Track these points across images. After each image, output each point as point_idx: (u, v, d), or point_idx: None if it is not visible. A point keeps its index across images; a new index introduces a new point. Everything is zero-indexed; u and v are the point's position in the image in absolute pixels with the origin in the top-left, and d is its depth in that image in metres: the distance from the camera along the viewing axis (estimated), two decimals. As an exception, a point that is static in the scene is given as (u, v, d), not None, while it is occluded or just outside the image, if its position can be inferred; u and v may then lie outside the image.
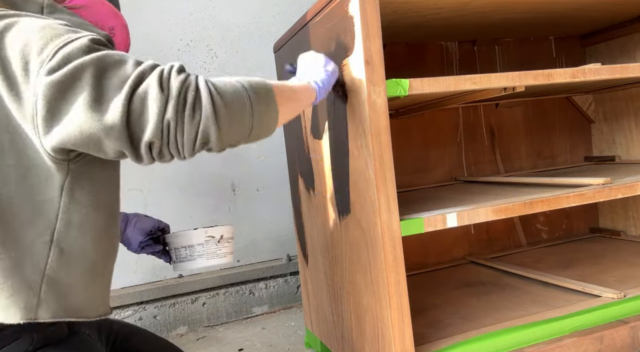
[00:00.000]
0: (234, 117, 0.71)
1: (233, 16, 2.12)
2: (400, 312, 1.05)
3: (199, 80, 0.71)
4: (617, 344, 1.22)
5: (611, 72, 1.27)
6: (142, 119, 0.66)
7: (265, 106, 0.76)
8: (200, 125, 0.68)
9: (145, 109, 0.66)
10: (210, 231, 1.05)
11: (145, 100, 0.66)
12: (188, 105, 0.67)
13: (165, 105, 0.66)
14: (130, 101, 0.66)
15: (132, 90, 0.66)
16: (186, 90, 0.68)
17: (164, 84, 0.67)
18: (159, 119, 0.66)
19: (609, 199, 1.28)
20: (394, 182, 1.05)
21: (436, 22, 1.53)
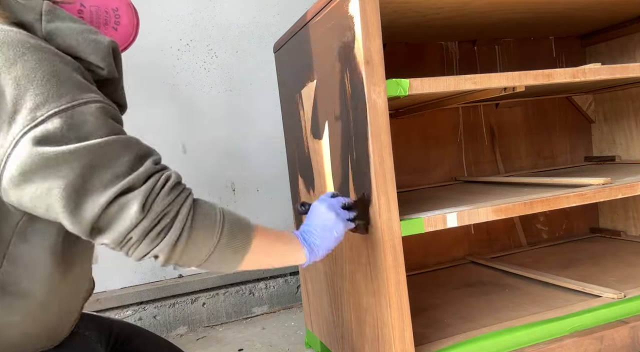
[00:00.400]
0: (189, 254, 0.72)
1: (233, 16, 2.12)
2: (400, 312, 1.05)
3: (184, 207, 0.70)
4: (617, 344, 1.22)
5: (611, 72, 1.27)
6: (110, 225, 0.65)
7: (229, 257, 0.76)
8: (154, 249, 0.69)
9: (117, 219, 0.65)
10: None
11: (122, 212, 0.65)
12: (154, 231, 0.67)
13: (136, 225, 0.66)
14: (109, 206, 0.64)
15: (116, 195, 0.64)
16: (163, 216, 0.68)
17: (147, 204, 0.66)
18: (125, 233, 0.66)
19: (609, 199, 1.28)
20: (394, 182, 1.05)
21: (436, 22, 1.53)
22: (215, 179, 2.10)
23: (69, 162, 0.62)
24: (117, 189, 0.64)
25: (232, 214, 0.78)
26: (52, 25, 0.69)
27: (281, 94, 1.63)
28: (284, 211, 2.17)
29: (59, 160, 0.61)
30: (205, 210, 0.73)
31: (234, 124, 2.12)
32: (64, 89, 0.63)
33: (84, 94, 0.65)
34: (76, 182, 0.62)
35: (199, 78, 2.07)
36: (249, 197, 2.15)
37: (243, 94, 2.14)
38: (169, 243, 0.69)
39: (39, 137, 0.61)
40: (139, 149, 0.69)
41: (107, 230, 0.66)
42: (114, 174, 0.65)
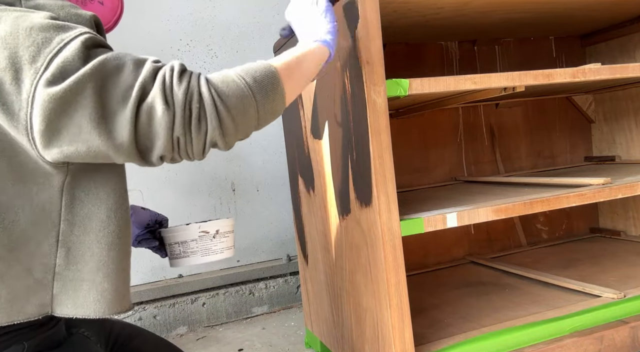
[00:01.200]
0: (239, 120, 0.71)
1: (233, 16, 2.12)
2: (400, 312, 1.05)
3: (202, 85, 0.69)
4: (617, 344, 1.22)
5: (611, 72, 1.27)
6: (151, 135, 0.66)
7: (272, 98, 0.75)
8: (207, 136, 0.69)
9: (152, 126, 0.65)
10: (204, 226, 1.00)
11: (152, 116, 0.65)
12: (194, 118, 0.67)
13: (172, 121, 0.66)
14: (137, 117, 0.64)
15: (137, 105, 0.64)
16: (190, 102, 0.67)
17: (168, 97, 0.66)
18: (169, 136, 0.66)
19: (609, 199, 1.28)
20: (394, 182, 1.05)
21: (436, 22, 1.53)
22: (215, 179, 2.10)
23: (80, 93, 0.63)
24: (135, 97, 0.64)
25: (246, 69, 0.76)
26: (33, 2, 0.70)
27: (281, 94, 1.63)
28: (284, 211, 2.17)
29: (72, 97, 0.62)
30: (222, 78, 0.73)
31: (234, 124, 2.12)
32: (51, 34, 0.64)
33: (68, 31, 0.66)
34: (97, 108, 0.63)
35: (199, 78, 2.07)
36: (249, 197, 2.15)
37: (243, 94, 2.14)
38: (214, 122, 0.68)
39: (46, 82, 0.62)
40: (132, 57, 0.68)
41: (153, 143, 0.66)
42: (125, 85, 0.65)
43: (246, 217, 2.14)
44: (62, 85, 0.62)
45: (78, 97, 0.62)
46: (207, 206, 2.09)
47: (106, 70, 0.64)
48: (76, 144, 0.64)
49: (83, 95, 0.62)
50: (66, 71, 0.63)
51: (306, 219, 1.52)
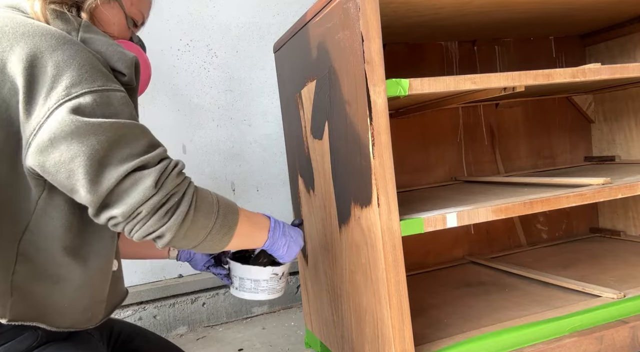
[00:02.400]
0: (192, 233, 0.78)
1: (233, 16, 2.12)
2: (400, 312, 1.05)
3: (188, 192, 0.77)
4: (617, 344, 1.22)
5: (611, 72, 1.27)
6: (121, 198, 0.71)
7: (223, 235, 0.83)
8: (162, 227, 0.74)
9: (131, 192, 0.71)
10: (275, 270, 1.10)
11: (136, 185, 0.71)
12: (164, 208, 0.73)
13: (149, 199, 0.72)
14: (125, 178, 0.71)
15: (134, 169, 0.71)
16: (172, 196, 0.74)
17: (160, 181, 0.72)
18: (136, 206, 0.71)
19: (609, 199, 1.28)
20: (394, 182, 1.05)
21: (436, 22, 1.53)
22: (215, 179, 2.10)
23: (96, 133, 0.69)
24: (134, 164, 0.71)
25: (223, 199, 0.85)
26: (87, 35, 0.78)
27: (281, 94, 1.63)
28: (284, 211, 2.17)
29: (88, 130, 0.69)
30: (205, 194, 0.81)
31: (234, 124, 2.12)
32: (96, 76, 0.72)
33: (112, 83, 0.74)
34: (99, 152, 0.69)
35: (199, 78, 2.07)
36: (249, 197, 2.15)
37: (243, 94, 2.14)
38: (177, 222, 0.75)
39: (72, 107, 0.69)
40: (152, 137, 0.76)
41: (119, 203, 0.71)
42: (132, 152, 0.72)
43: (246, 217, 2.14)
44: (84, 120, 0.69)
45: (91, 136, 0.69)
46: (207, 205, 2.09)
47: (125, 132, 0.72)
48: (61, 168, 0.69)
49: (96, 137, 0.69)
50: (94, 111, 0.70)
51: (306, 219, 1.52)
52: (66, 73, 0.70)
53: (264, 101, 2.16)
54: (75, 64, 0.71)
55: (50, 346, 0.81)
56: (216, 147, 2.09)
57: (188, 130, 2.05)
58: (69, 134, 0.68)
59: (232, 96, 2.12)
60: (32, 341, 0.79)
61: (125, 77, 0.80)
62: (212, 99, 2.09)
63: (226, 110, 2.11)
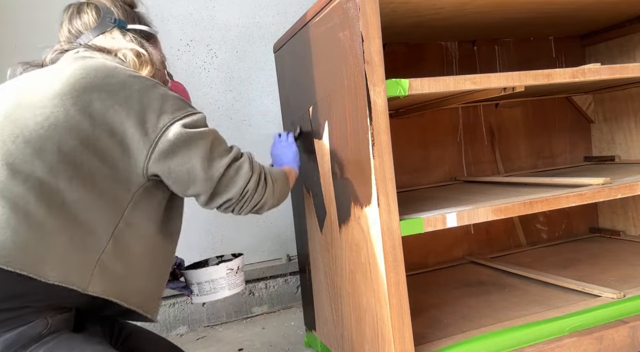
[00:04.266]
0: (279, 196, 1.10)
1: (233, 16, 2.12)
2: (400, 312, 1.06)
3: (265, 169, 1.07)
4: (617, 344, 1.22)
5: (611, 72, 1.27)
6: (231, 183, 0.97)
7: (287, 188, 1.15)
8: (264, 197, 1.04)
9: (237, 176, 0.98)
10: (229, 265, 1.19)
11: (239, 171, 0.99)
12: (261, 183, 1.03)
13: (250, 178, 1.00)
14: (229, 167, 0.97)
15: (232, 160, 0.98)
16: (260, 174, 1.03)
17: (252, 165, 1.02)
18: (244, 186, 0.99)
19: (609, 199, 1.28)
20: (394, 182, 1.05)
21: (436, 22, 1.54)
22: (215, 179, 2.10)
23: (203, 138, 0.94)
24: (230, 157, 0.98)
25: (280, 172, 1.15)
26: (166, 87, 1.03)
27: (281, 94, 1.63)
28: (284, 211, 2.17)
29: (197, 138, 0.93)
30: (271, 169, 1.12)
31: (233, 124, 2.12)
32: (185, 105, 0.96)
33: (196, 108, 0.99)
34: (207, 151, 0.94)
35: (199, 78, 2.07)
36: (249, 197, 2.15)
37: (243, 94, 2.14)
38: (270, 191, 1.05)
39: (182, 124, 0.92)
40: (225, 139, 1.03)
41: (229, 188, 0.97)
42: (225, 149, 0.99)
43: (246, 217, 2.14)
44: (194, 130, 0.93)
45: (200, 141, 0.93)
46: (207, 205, 2.09)
47: (218, 136, 0.99)
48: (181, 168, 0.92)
49: (203, 140, 0.94)
50: (196, 125, 0.94)
51: (306, 218, 1.52)
52: (169, 102, 0.92)
53: (264, 101, 2.16)
54: (172, 97, 0.94)
55: (61, 335, 0.83)
56: (216, 147, 2.09)
57: (188, 130, 2.05)
58: (184, 141, 0.91)
59: (232, 96, 2.12)
60: (43, 328, 0.81)
61: None
62: (212, 99, 2.09)
63: (226, 110, 2.11)
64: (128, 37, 1.03)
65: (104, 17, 1.03)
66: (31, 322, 0.80)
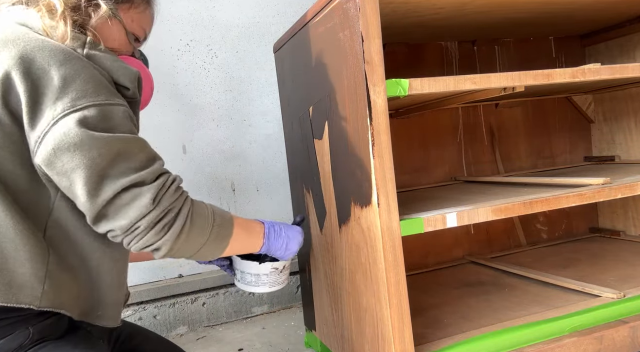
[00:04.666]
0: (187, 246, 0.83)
1: (233, 16, 2.12)
2: (400, 312, 1.06)
3: (184, 206, 0.81)
4: (617, 344, 1.22)
5: (611, 72, 1.27)
6: (120, 212, 0.75)
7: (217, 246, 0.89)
8: (159, 241, 0.79)
9: (129, 207, 0.75)
10: (275, 264, 1.16)
11: (134, 201, 0.75)
12: (161, 223, 0.77)
13: (146, 214, 0.76)
14: (123, 192, 0.75)
15: (131, 184, 0.75)
16: (168, 211, 0.78)
17: (157, 197, 0.76)
18: (134, 221, 0.75)
19: (609, 199, 1.28)
20: (394, 182, 1.05)
21: (436, 22, 1.54)
22: (215, 179, 2.10)
23: (98, 147, 0.73)
24: (132, 179, 0.75)
25: (219, 211, 0.89)
26: (91, 52, 0.82)
27: (281, 94, 1.63)
28: (284, 211, 2.17)
29: (90, 143, 0.72)
30: (201, 209, 0.85)
31: (233, 124, 2.12)
32: (100, 90, 0.76)
33: (116, 98, 0.78)
34: (100, 165, 0.73)
35: (199, 78, 2.07)
36: (249, 197, 2.15)
37: (243, 94, 2.14)
38: (172, 236, 0.79)
39: (77, 119, 0.72)
40: (151, 151, 0.80)
41: (118, 216, 0.75)
42: (130, 167, 0.75)
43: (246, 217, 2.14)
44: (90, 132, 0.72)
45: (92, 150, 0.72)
46: (207, 205, 2.09)
47: (125, 147, 0.76)
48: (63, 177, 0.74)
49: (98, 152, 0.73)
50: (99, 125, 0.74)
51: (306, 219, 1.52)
52: (72, 86, 0.73)
53: (264, 101, 2.16)
54: (81, 79, 0.74)
55: (47, 346, 0.79)
56: (216, 147, 2.09)
57: (188, 131, 2.05)
58: (72, 145, 0.72)
59: (232, 96, 2.12)
60: (24, 339, 0.78)
61: (129, 91, 0.84)
62: (212, 99, 2.09)
63: (226, 110, 2.11)
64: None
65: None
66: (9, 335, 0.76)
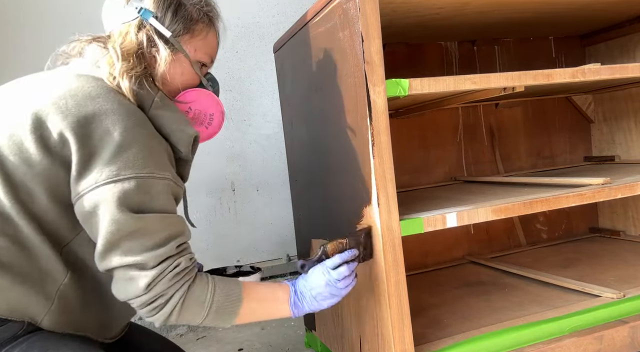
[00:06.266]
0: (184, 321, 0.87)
1: (233, 16, 2.12)
2: (400, 312, 1.06)
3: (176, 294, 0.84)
4: (617, 344, 1.22)
5: (611, 72, 1.27)
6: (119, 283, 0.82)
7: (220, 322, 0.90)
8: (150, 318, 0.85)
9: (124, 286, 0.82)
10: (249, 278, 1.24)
11: (129, 283, 0.81)
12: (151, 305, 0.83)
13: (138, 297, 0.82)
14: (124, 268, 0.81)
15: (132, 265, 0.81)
16: (160, 297, 0.83)
17: (151, 284, 0.82)
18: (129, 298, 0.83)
19: (609, 199, 1.28)
20: (393, 182, 1.05)
21: (436, 22, 1.54)
22: (215, 179, 2.10)
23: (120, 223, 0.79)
24: (134, 260, 0.80)
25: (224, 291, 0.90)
26: (157, 112, 0.89)
27: (281, 94, 1.63)
28: (284, 211, 2.17)
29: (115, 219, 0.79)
30: (197, 294, 0.87)
31: (233, 124, 2.12)
32: (148, 163, 0.82)
33: (162, 172, 0.84)
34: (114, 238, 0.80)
35: (199, 78, 2.07)
36: (249, 197, 2.15)
37: (243, 94, 2.14)
38: (162, 317, 0.85)
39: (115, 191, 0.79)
40: (174, 229, 0.85)
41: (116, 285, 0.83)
42: (143, 245, 0.81)
43: (246, 217, 2.14)
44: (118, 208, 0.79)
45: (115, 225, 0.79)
46: (207, 205, 2.09)
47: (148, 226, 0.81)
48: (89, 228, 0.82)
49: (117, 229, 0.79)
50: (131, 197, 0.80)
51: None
52: (124, 155, 0.80)
53: (264, 101, 2.16)
54: (136, 148, 0.81)
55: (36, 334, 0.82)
56: (216, 147, 2.09)
57: (188, 130, 2.05)
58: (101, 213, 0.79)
59: (232, 96, 2.12)
60: (18, 329, 0.81)
61: (182, 153, 0.91)
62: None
63: (226, 110, 2.11)
64: (143, 31, 0.90)
65: (131, 4, 0.90)
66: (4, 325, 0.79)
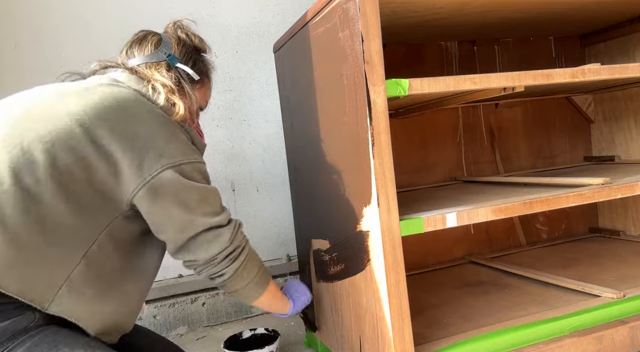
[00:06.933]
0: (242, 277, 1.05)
1: (233, 16, 2.12)
2: (400, 312, 1.06)
3: (247, 245, 1.05)
4: (617, 344, 1.22)
5: (611, 72, 1.27)
6: (206, 246, 0.97)
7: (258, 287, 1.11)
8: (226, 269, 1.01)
9: (212, 242, 0.97)
10: (271, 347, 1.50)
11: (217, 238, 0.97)
12: (232, 255, 1.01)
13: (225, 248, 0.99)
14: (208, 230, 0.96)
15: (214, 225, 0.97)
16: (237, 247, 1.02)
17: (232, 237, 1.00)
18: (216, 254, 0.98)
19: (609, 199, 1.28)
20: (393, 182, 1.05)
21: (436, 22, 1.54)
22: (215, 179, 2.10)
23: (190, 192, 0.93)
24: (214, 221, 0.97)
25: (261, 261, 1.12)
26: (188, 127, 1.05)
27: (281, 94, 1.63)
28: (284, 211, 2.17)
29: (186, 189, 0.93)
30: (254, 253, 1.09)
31: (233, 124, 2.12)
32: (190, 151, 0.97)
33: (199, 156, 0.99)
34: (192, 207, 0.94)
35: (198, 78, 2.07)
36: (249, 197, 2.15)
37: (243, 94, 2.14)
38: (237, 265, 1.02)
39: (178, 171, 0.92)
40: (221, 200, 1.02)
41: (200, 250, 0.97)
42: (212, 210, 0.97)
43: (246, 217, 2.14)
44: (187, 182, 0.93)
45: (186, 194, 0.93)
46: (207, 205, 2.09)
47: (210, 194, 0.98)
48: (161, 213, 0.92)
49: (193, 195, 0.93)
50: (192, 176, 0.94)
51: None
52: (172, 144, 0.92)
53: (264, 101, 2.16)
54: (177, 141, 0.94)
55: (48, 329, 0.84)
56: (216, 147, 2.09)
57: (188, 130, 2.05)
58: (173, 189, 0.91)
59: (232, 96, 2.12)
60: (30, 322, 0.83)
61: None
62: (212, 99, 2.09)
63: (226, 110, 2.11)
64: (172, 73, 1.04)
65: (160, 49, 1.06)
66: (16, 317, 0.81)
